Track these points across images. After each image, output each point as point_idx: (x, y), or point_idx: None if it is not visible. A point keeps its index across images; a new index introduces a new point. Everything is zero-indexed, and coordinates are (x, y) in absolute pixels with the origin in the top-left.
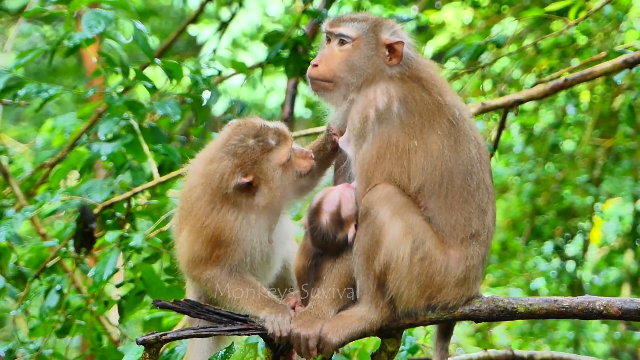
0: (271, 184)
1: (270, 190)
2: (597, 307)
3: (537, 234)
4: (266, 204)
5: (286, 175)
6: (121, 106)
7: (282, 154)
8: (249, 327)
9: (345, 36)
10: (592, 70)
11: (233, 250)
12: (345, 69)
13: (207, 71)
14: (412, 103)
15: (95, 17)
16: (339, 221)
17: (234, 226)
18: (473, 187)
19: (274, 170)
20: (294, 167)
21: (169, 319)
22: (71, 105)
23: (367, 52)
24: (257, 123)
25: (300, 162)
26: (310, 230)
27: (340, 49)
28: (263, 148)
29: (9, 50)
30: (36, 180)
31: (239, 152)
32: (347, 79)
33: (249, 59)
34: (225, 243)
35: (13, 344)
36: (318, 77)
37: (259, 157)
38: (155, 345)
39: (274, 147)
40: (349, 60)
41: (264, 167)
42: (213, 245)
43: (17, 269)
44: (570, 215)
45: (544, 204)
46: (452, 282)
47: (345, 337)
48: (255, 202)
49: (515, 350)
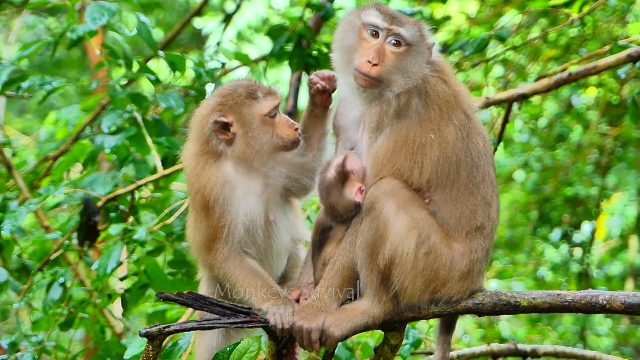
0: (247, 132)
1: (246, 138)
2: (600, 301)
3: (545, 220)
4: (242, 154)
5: (265, 130)
6: (125, 99)
7: (266, 105)
8: (252, 319)
9: (404, 39)
10: (596, 65)
11: (228, 221)
12: (398, 73)
13: (211, 64)
14: (433, 97)
15: (99, 10)
16: (344, 174)
17: (216, 185)
18: (479, 179)
19: (253, 118)
20: (276, 129)
21: (172, 311)
22: (75, 97)
23: (418, 58)
24: (254, 80)
25: (284, 129)
26: (319, 187)
27: (393, 49)
28: (248, 95)
29: (13, 42)
30: (40, 173)
31: (224, 94)
32: (397, 82)
33: (254, 52)
34: (214, 210)
35: (16, 336)
36: (376, 77)
37: (241, 101)
38: (158, 338)
39: (259, 98)
40: (403, 63)
41: (244, 112)
42: (206, 215)
43: (21, 262)
44: (578, 203)
45: (552, 192)
46: (456, 276)
47: (347, 330)
48: (231, 149)
49: (519, 345)
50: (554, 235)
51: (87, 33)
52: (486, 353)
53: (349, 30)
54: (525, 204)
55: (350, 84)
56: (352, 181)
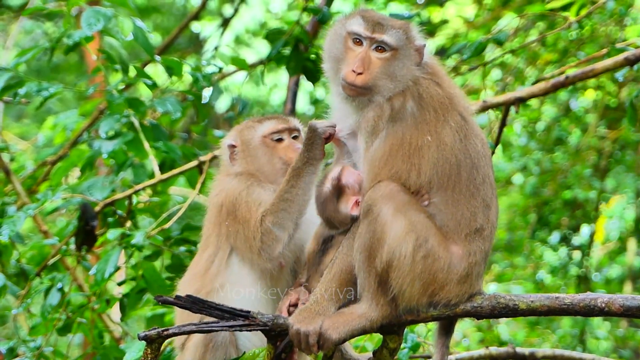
0: (246, 151)
1: (245, 157)
2: (598, 304)
3: (544, 223)
4: (245, 171)
5: (264, 151)
6: (122, 104)
7: (267, 127)
8: (250, 322)
9: (387, 44)
10: (593, 68)
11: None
12: (386, 78)
13: (208, 68)
14: (427, 99)
15: (95, 15)
16: (339, 187)
17: (234, 191)
18: (479, 181)
19: (252, 139)
20: (279, 151)
21: (171, 315)
22: (73, 102)
23: (405, 61)
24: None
25: (288, 152)
26: (315, 200)
27: (378, 55)
28: (257, 120)
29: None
30: (38, 178)
31: (239, 126)
32: (386, 87)
33: (252, 56)
34: (240, 208)
35: (14, 342)
36: (362, 86)
37: (249, 125)
38: (157, 341)
39: (264, 121)
40: (389, 69)
41: (245, 133)
42: (234, 218)
43: (19, 267)
44: (576, 206)
45: (551, 195)
46: (454, 279)
47: (345, 334)
48: (236, 167)
49: (517, 348)
50: (553, 239)
51: (83, 39)
52: (485, 356)
53: (336, 40)
54: (524, 208)
55: (340, 94)
56: (347, 195)
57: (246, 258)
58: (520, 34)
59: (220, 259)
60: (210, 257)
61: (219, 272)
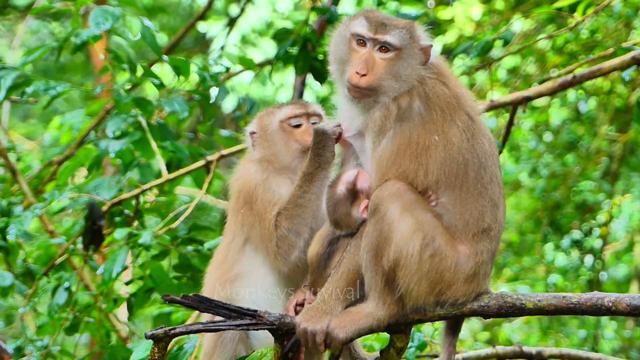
0: (264, 136)
1: (263, 142)
2: (605, 303)
3: (556, 227)
4: (263, 157)
5: (281, 135)
6: (129, 103)
7: (285, 112)
8: (257, 322)
9: (391, 45)
10: (600, 67)
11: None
12: (391, 78)
13: (215, 68)
14: (434, 99)
15: (103, 14)
16: (354, 192)
17: (253, 180)
18: (487, 180)
19: (270, 124)
20: (296, 135)
21: (178, 314)
22: (79, 102)
23: (410, 60)
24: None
25: (305, 135)
26: (327, 201)
27: (382, 56)
28: (276, 106)
29: (17, 47)
30: (44, 178)
31: (260, 113)
32: (391, 87)
33: (259, 56)
34: (256, 198)
35: (21, 341)
36: (367, 87)
37: (268, 111)
38: (164, 340)
39: (283, 106)
40: (394, 69)
41: (264, 119)
42: (251, 208)
43: (26, 266)
44: (588, 210)
45: (562, 198)
46: (461, 278)
47: (352, 333)
48: (256, 152)
49: (524, 347)
50: (564, 242)
51: (90, 38)
52: (492, 355)
53: (340, 41)
54: (533, 211)
55: (346, 96)
56: (360, 200)
57: (261, 253)
58: (531, 36)
59: (235, 246)
60: (228, 245)
61: (235, 260)
